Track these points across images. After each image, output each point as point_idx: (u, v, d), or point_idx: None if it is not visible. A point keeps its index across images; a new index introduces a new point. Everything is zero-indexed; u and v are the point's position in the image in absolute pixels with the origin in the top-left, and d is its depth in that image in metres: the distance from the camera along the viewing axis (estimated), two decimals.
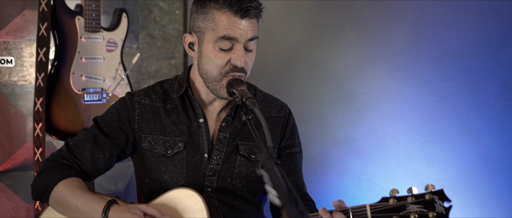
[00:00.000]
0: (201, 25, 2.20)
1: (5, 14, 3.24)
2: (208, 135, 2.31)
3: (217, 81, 2.20)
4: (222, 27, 2.14)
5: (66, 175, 2.22)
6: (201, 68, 2.24)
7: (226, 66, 2.18)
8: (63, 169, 2.24)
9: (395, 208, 1.92)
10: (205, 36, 2.19)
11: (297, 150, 2.47)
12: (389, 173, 2.91)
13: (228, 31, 2.13)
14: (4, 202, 3.28)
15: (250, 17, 2.15)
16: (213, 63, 2.18)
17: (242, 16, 2.13)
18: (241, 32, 2.14)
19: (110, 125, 2.32)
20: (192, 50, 2.28)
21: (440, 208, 1.90)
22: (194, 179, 2.30)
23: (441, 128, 2.73)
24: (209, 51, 2.18)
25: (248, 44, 2.18)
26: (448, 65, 2.69)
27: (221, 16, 2.14)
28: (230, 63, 2.17)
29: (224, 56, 2.17)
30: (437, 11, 2.72)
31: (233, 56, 2.16)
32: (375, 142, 2.97)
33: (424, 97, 2.78)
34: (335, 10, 3.13)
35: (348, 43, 3.07)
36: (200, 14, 2.20)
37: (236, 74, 2.18)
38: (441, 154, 2.73)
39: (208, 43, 2.18)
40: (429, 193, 1.92)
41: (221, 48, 2.16)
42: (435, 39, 2.73)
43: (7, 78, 3.29)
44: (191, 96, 2.33)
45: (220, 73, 2.18)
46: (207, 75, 2.22)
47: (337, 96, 3.12)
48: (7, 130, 3.28)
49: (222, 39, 2.14)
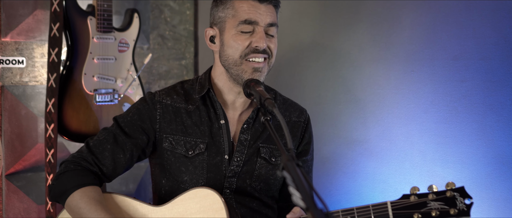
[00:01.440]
0: (221, 15, 2.26)
1: (16, 14, 3.23)
2: (229, 136, 2.31)
3: (237, 65, 2.23)
4: (242, 12, 2.20)
5: (85, 183, 2.21)
6: (222, 56, 2.27)
7: (246, 49, 2.21)
8: (82, 175, 2.23)
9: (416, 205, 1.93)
10: (226, 24, 2.24)
11: (310, 158, 2.48)
12: (403, 174, 2.89)
13: (248, 14, 2.20)
14: (15, 203, 3.26)
15: (268, 3, 2.23)
16: (234, 47, 2.22)
17: (261, 0, 2.21)
18: (260, 16, 2.21)
19: (131, 124, 2.31)
20: (213, 44, 2.31)
21: (461, 205, 1.92)
22: (214, 180, 2.29)
23: (456, 129, 2.71)
24: (231, 37, 2.23)
25: (268, 29, 2.24)
26: (464, 66, 2.67)
27: (240, 2, 2.22)
28: (251, 46, 2.21)
29: (245, 39, 2.22)
30: (453, 12, 2.71)
31: (254, 38, 2.21)
32: (389, 143, 2.95)
33: (439, 98, 2.76)
34: (349, 10, 3.11)
35: (361, 44, 3.06)
36: (220, 5, 2.26)
37: (259, 55, 2.22)
38: (457, 155, 2.71)
39: (229, 29, 2.23)
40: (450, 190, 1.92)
41: (242, 31, 2.21)
42: (450, 39, 2.72)
43: (18, 79, 3.27)
44: (212, 97, 2.33)
45: (240, 56, 2.22)
46: (229, 61, 2.25)
47: (350, 97, 3.11)
48: (18, 131, 3.26)
49: (243, 23, 2.20)
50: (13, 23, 3.23)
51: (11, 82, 3.25)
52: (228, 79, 2.30)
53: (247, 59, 2.22)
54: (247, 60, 2.22)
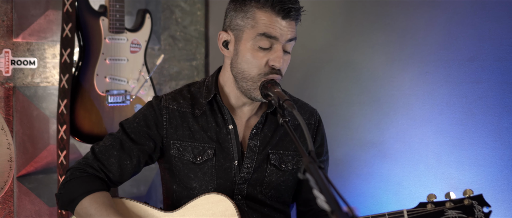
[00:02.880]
0: (240, 23, 2.16)
1: (28, 14, 3.22)
2: (237, 142, 2.26)
3: (254, 82, 2.15)
4: (263, 25, 2.10)
5: (92, 189, 2.17)
6: (236, 67, 2.19)
7: (264, 67, 2.13)
8: (89, 181, 2.20)
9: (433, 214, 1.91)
10: (243, 34, 2.15)
11: (325, 159, 2.44)
12: (418, 176, 2.87)
13: (268, 29, 2.10)
14: (27, 205, 3.25)
15: (291, 19, 2.13)
16: (250, 63, 2.13)
17: (284, 16, 2.10)
18: (281, 32, 2.11)
19: (138, 131, 2.27)
20: (226, 49, 2.23)
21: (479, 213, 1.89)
22: (224, 186, 2.25)
23: (472, 131, 2.69)
24: (247, 49, 2.14)
25: (286, 46, 2.15)
26: (480, 67, 2.65)
27: (262, 14, 2.11)
28: (268, 64, 2.13)
29: (262, 56, 2.12)
30: (468, 12, 2.68)
31: (271, 56, 2.12)
32: (403, 145, 2.93)
33: (454, 100, 2.74)
34: (362, 11, 3.09)
35: (375, 45, 3.04)
36: (240, 12, 2.16)
37: (275, 77, 2.14)
38: (472, 157, 2.69)
39: (246, 41, 2.14)
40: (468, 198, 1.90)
41: (260, 47, 2.12)
42: (466, 40, 2.69)
43: (30, 80, 3.26)
44: (220, 102, 2.27)
45: (259, 75, 2.13)
46: (244, 75, 2.17)
47: (364, 98, 3.09)
48: (30, 132, 3.25)
49: (262, 36, 2.10)
50: (25, 23, 3.22)
51: (23, 83, 3.24)
52: (236, 88, 2.24)
53: (265, 77, 2.14)
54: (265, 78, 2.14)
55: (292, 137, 1.83)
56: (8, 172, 2.79)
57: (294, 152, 2.32)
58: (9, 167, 2.79)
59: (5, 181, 2.78)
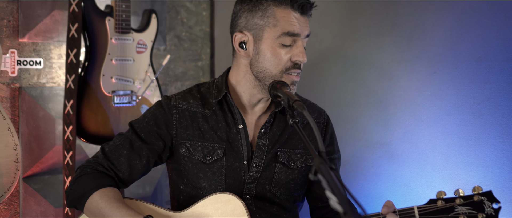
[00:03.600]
0: (259, 22, 2.17)
1: (34, 14, 3.21)
2: (247, 141, 2.26)
3: (277, 79, 2.17)
4: (285, 23, 2.14)
5: (103, 185, 2.16)
6: (257, 66, 2.20)
7: (287, 63, 2.16)
8: (99, 177, 2.19)
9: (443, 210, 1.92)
10: (264, 33, 2.17)
11: (336, 157, 2.44)
12: (425, 177, 2.86)
13: (292, 27, 2.13)
14: (33, 206, 3.24)
15: (308, 15, 2.19)
16: (273, 61, 2.16)
17: (302, 12, 2.16)
18: (301, 28, 2.16)
19: (147, 130, 2.26)
20: (244, 50, 2.23)
21: (489, 209, 1.91)
22: (233, 186, 2.24)
23: (480, 131, 2.68)
24: (269, 48, 2.16)
25: (304, 41, 2.20)
26: (488, 68, 2.64)
27: (282, 12, 2.14)
28: (291, 60, 2.16)
29: (285, 53, 2.15)
30: (476, 12, 2.67)
31: (294, 52, 2.16)
32: (410, 146, 2.92)
33: (462, 100, 2.73)
34: (369, 11, 3.08)
35: (382, 45, 3.03)
36: (257, 11, 2.17)
37: (297, 70, 2.18)
38: (480, 158, 2.68)
39: (268, 40, 2.16)
40: (477, 194, 1.91)
41: (283, 44, 2.15)
42: (474, 40, 2.69)
43: (36, 80, 3.25)
44: (230, 102, 2.27)
45: (281, 71, 2.16)
46: (265, 73, 2.18)
47: (371, 99, 3.08)
48: (36, 133, 3.24)
49: (285, 35, 2.14)
50: (31, 23, 3.21)
51: (29, 84, 3.23)
52: (254, 87, 2.24)
53: (287, 73, 2.17)
54: (287, 74, 2.18)
55: (303, 138, 1.82)
56: (14, 173, 2.79)
57: (303, 150, 2.32)
58: (15, 168, 2.79)
59: (12, 182, 2.78)
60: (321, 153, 1.66)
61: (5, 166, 2.76)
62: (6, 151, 2.76)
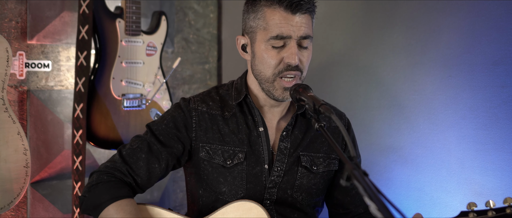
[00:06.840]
0: (252, 24, 2.13)
1: (43, 16, 3.15)
2: (268, 145, 2.22)
3: (270, 82, 2.13)
4: (274, 26, 2.07)
5: (119, 196, 2.10)
6: (255, 69, 2.17)
7: (279, 66, 2.10)
8: (116, 187, 2.12)
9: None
10: (256, 35, 2.13)
11: (358, 161, 2.39)
12: (440, 182, 2.83)
13: (280, 29, 2.06)
14: (41, 212, 3.18)
15: (302, 12, 2.08)
16: (266, 63, 2.11)
17: (293, 11, 2.06)
18: (293, 28, 2.07)
19: (166, 133, 2.21)
20: (245, 52, 2.21)
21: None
22: (254, 191, 2.20)
23: (496, 136, 2.65)
24: (262, 50, 2.11)
25: (301, 42, 2.11)
26: (504, 71, 2.61)
27: (272, 13, 2.07)
28: (283, 62, 2.09)
29: (276, 54, 2.09)
30: (493, 15, 2.65)
31: (286, 54, 2.09)
32: (424, 150, 2.89)
33: (478, 104, 2.70)
34: (382, 12, 3.05)
35: (396, 48, 3.00)
36: (251, 13, 2.14)
37: (291, 73, 2.10)
38: (497, 163, 2.65)
39: (260, 42, 2.11)
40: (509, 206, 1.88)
41: (274, 46, 2.09)
42: (490, 44, 2.66)
43: (44, 83, 3.20)
44: (250, 104, 2.23)
45: (273, 74, 2.11)
46: (261, 76, 2.15)
47: (384, 102, 3.04)
48: (44, 137, 3.18)
49: (274, 38, 2.07)
50: (39, 25, 3.15)
51: (37, 87, 3.17)
52: (261, 90, 2.21)
53: (280, 76, 2.11)
54: (280, 78, 2.12)
55: (332, 143, 1.77)
56: (24, 178, 2.73)
57: (325, 155, 2.29)
58: (25, 173, 2.74)
59: (21, 187, 2.73)
60: (353, 158, 1.62)
61: (15, 172, 2.70)
62: (16, 156, 2.71)
